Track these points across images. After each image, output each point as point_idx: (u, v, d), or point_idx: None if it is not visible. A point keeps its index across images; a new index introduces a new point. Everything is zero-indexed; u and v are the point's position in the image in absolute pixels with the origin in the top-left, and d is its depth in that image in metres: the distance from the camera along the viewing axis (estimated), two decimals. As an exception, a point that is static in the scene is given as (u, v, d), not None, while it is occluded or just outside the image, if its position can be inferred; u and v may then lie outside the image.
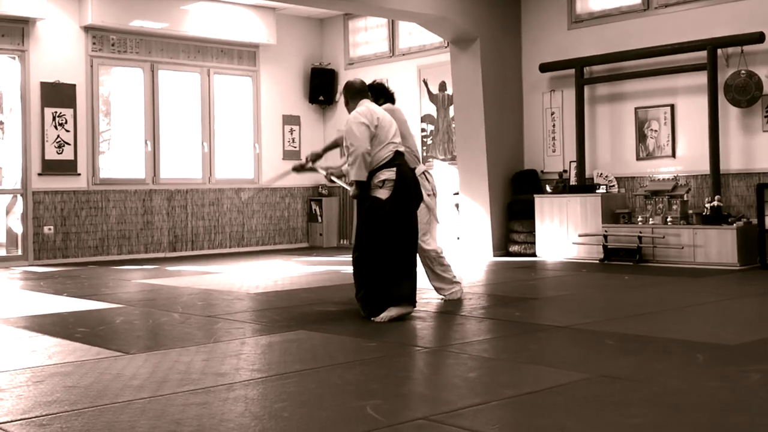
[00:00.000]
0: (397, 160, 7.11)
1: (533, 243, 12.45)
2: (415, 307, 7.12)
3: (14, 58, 12.73)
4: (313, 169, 8.14)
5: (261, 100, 15.59)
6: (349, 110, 7.32)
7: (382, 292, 6.92)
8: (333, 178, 7.96)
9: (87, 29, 13.30)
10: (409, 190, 7.16)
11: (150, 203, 13.92)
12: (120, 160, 14.17)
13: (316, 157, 8.11)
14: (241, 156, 15.39)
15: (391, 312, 6.88)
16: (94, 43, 13.40)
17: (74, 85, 13.14)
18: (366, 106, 7.25)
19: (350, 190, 7.24)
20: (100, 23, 13.20)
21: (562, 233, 12.13)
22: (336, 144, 8.11)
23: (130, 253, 13.69)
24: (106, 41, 13.53)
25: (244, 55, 15.30)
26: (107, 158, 13.98)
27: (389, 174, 6.98)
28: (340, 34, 16.12)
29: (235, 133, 15.40)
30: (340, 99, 15.35)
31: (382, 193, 6.98)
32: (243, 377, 4.92)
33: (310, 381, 4.80)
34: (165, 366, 5.21)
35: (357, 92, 7.35)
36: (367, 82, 7.69)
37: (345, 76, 15.58)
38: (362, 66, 15.62)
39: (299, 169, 8.20)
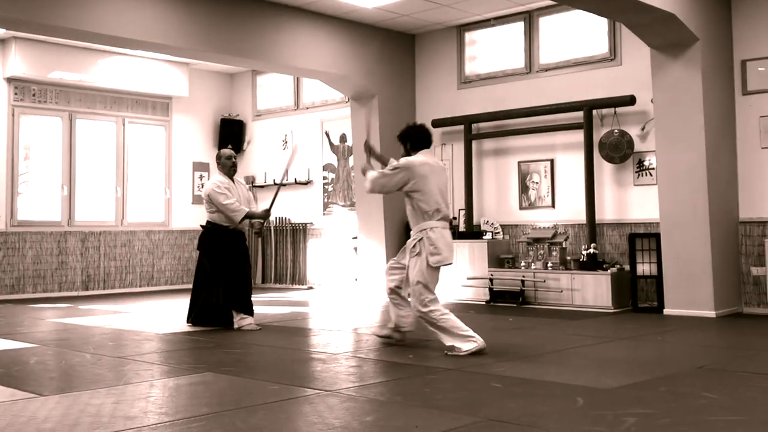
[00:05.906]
0: None
1: (424, 285, 12.77)
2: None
3: (-62, 106, 13.23)
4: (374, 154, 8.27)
5: (173, 148, 16.10)
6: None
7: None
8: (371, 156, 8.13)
9: (9, 80, 13.97)
10: None
11: (65, 244, 14.46)
12: (37, 203, 14.44)
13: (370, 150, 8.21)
14: (152, 200, 15.80)
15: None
16: (16, 94, 14.05)
17: (-4, 132, 13.67)
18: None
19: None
20: (22, 75, 13.79)
21: (452, 276, 12.30)
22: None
23: (45, 291, 14.16)
24: (28, 92, 14.17)
25: (157, 105, 15.85)
26: (25, 201, 14.27)
27: None
28: (248, 88, 16.69)
29: (147, 179, 15.70)
30: (248, 147, 15.97)
31: None
32: (151, 421, 4.90)
33: (215, 425, 4.75)
34: (77, 408, 5.19)
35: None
36: (275, 133, 7.45)
37: (252, 127, 16.10)
38: (268, 117, 16.01)
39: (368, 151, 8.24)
